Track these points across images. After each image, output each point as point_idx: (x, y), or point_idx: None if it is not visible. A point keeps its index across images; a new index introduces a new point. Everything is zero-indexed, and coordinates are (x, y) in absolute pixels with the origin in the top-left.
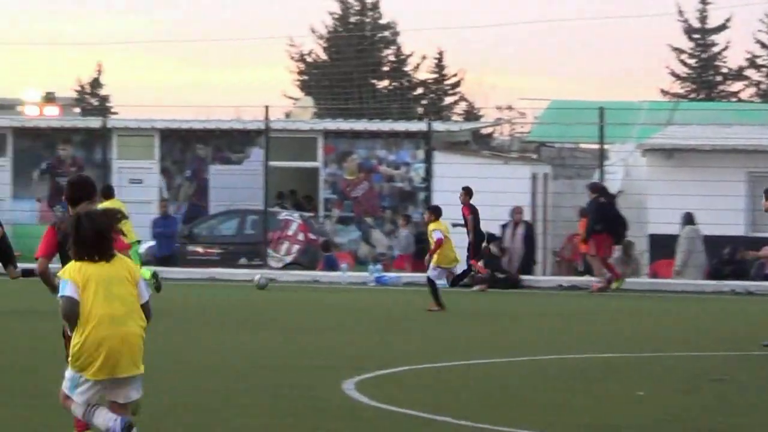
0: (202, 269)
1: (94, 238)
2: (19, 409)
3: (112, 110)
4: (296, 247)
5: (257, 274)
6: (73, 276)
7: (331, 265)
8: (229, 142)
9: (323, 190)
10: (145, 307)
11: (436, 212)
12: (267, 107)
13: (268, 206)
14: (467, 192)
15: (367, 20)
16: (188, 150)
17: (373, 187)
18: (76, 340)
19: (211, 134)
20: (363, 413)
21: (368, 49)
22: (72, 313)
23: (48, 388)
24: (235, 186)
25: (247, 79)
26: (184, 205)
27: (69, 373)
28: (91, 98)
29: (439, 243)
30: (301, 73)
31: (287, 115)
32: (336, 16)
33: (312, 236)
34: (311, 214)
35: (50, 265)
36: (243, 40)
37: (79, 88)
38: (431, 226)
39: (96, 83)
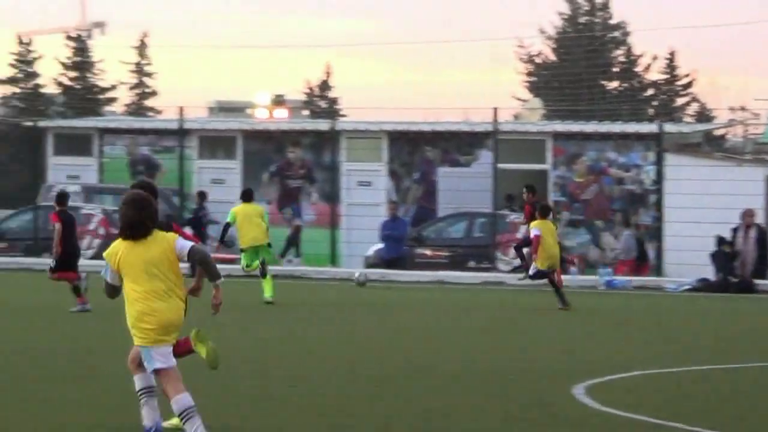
0: (430, 272)
1: (134, 221)
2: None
3: (341, 112)
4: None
5: (357, 272)
6: (112, 260)
7: (561, 268)
8: (458, 145)
9: (552, 193)
10: (192, 252)
11: (542, 211)
12: (495, 109)
13: (497, 209)
14: (531, 191)
15: (597, 20)
16: (416, 152)
17: (602, 189)
18: (128, 313)
19: (440, 136)
20: (593, 418)
21: (598, 49)
22: (113, 295)
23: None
24: (464, 188)
25: (476, 80)
26: (412, 208)
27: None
28: (320, 100)
29: (536, 240)
30: (529, 74)
31: (516, 117)
32: (565, 17)
33: None
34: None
35: None
36: (472, 42)
37: (308, 91)
38: (532, 224)
39: (325, 85)
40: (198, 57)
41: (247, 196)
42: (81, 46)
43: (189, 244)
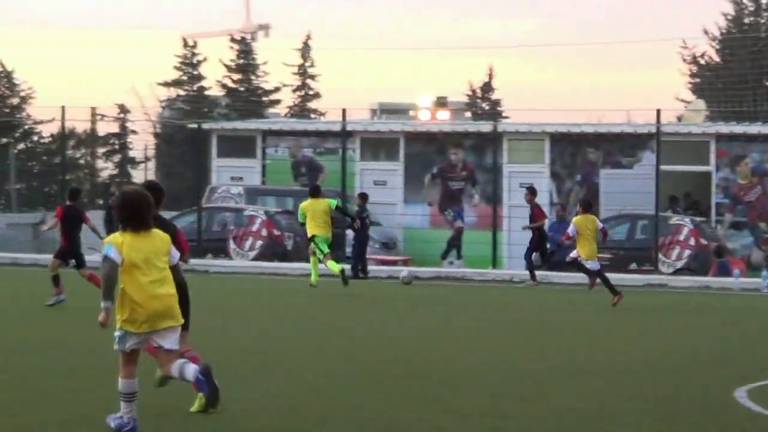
0: None
1: (136, 213)
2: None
3: (503, 114)
4: (687, 252)
5: (404, 270)
6: (117, 243)
7: (724, 271)
8: (620, 146)
9: (715, 195)
10: (174, 269)
11: (585, 206)
12: (658, 110)
13: (660, 211)
14: (532, 191)
15: (762, 21)
16: (578, 154)
17: (766, 191)
18: (122, 301)
19: (602, 138)
20: (756, 422)
21: (763, 50)
22: (112, 275)
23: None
24: (626, 190)
25: (638, 81)
26: (574, 210)
27: (118, 332)
28: (483, 102)
29: (566, 237)
30: (693, 75)
31: (679, 119)
32: (729, 18)
33: (703, 241)
34: (703, 219)
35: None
36: (634, 43)
37: (470, 92)
38: (573, 220)
39: (487, 87)
40: (361, 59)
41: (315, 192)
42: (245, 49)
43: (177, 257)
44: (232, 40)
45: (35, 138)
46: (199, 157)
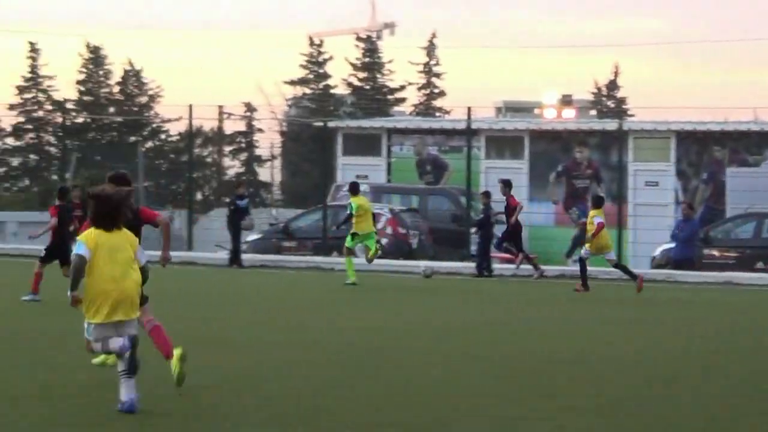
0: (719, 273)
1: (108, 213)
2: None
3: (628, 112)
4: None
5: (423, 264)
6: (88, 241)
7: None
8: (747, 144)
9: None
10: (142, 269)
11: (597, 202)
12: None
13: None
14: (506, 184)
15: None
16: (705, 152)
17: None
18: (87, 293)
19: (729, 136)
20: None
21: None
22: (80, 268)
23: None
24: (753, 188)
25: (766, 80)
26: (700, 208)
27: (85, 324)
28: (608, 100)
29: (600, 227)
30: None
31: None
32: None
33: None
34: None
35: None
36: (761, 41)
37: (595, 90)
38: (592, 213)
39: (612, 85)
40: (486, 57)
41: (355, 189)
42: (371, 47)
43: (144, 259)
44: (358, 38)
45: (163, 136)
46: (324, 156)
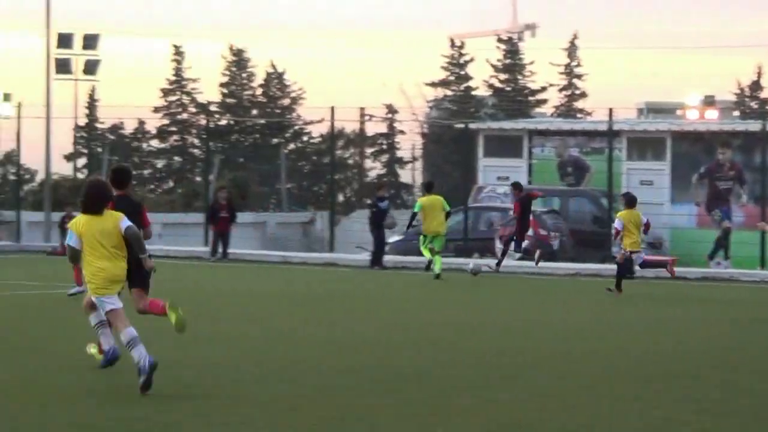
0: None
1: (93, 199)
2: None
3: None
4: None
5: (471, 262)
6: (78, 229)
7: None
8: None
9: None
10: (128, 232)
11: (629, 202)
12: None
13: None
14: (517, 188)
15: None
16: None
17: None
18: (86, 272)
19: None
20: None
21: None
22: (75, 256)
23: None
24: None
25: None
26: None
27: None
28: (751, 101)
29: (616, 234)
30: None
31: None
32: None
33: None
34: None
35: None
36: None
37: (738, 91)
38: (618, 215)
39: (756, 86)
40: (627, 58)
41: (429, 188)
42: (512, 49)
43: (127, 224)
44: (499, 40)
45: (305, 138)
46: (465, 157)
